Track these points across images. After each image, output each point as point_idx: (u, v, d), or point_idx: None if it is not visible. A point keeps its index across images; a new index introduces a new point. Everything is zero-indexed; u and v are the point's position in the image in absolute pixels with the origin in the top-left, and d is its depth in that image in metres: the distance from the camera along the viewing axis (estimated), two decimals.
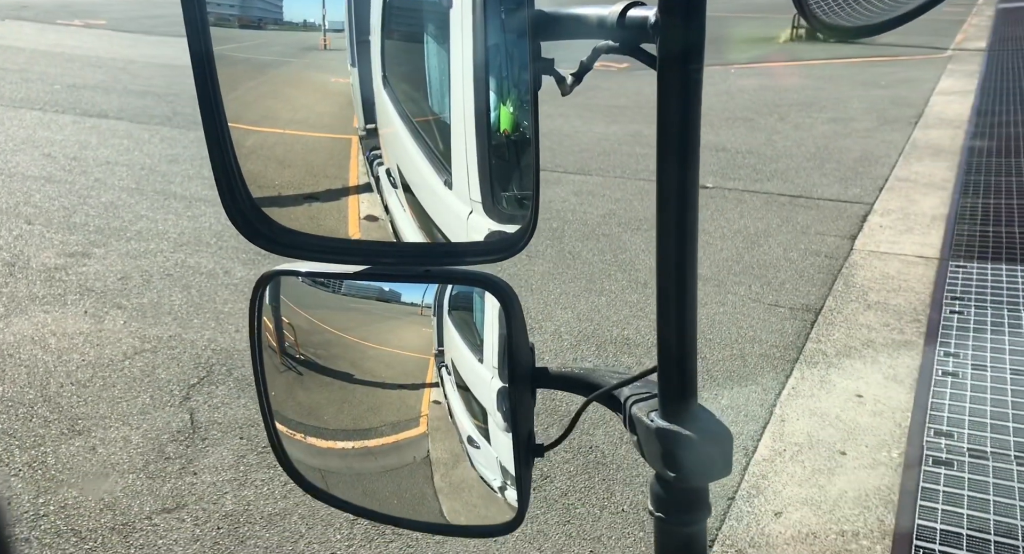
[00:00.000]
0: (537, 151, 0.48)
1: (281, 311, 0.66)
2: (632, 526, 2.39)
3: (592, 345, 3.48)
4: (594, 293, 4.00)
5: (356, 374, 0.68)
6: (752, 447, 2.73)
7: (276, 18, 0.54)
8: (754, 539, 2.30)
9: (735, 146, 6.86)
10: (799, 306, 3.83)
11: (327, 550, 2.23)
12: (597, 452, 2.73)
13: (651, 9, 0.47)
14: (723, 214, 5.16)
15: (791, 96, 9.11)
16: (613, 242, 4.68)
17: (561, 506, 2.47)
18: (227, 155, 0.53)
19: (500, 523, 0.61)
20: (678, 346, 0.51)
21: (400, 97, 0.55)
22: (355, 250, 0.57)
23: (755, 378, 3.19)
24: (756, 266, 4.32)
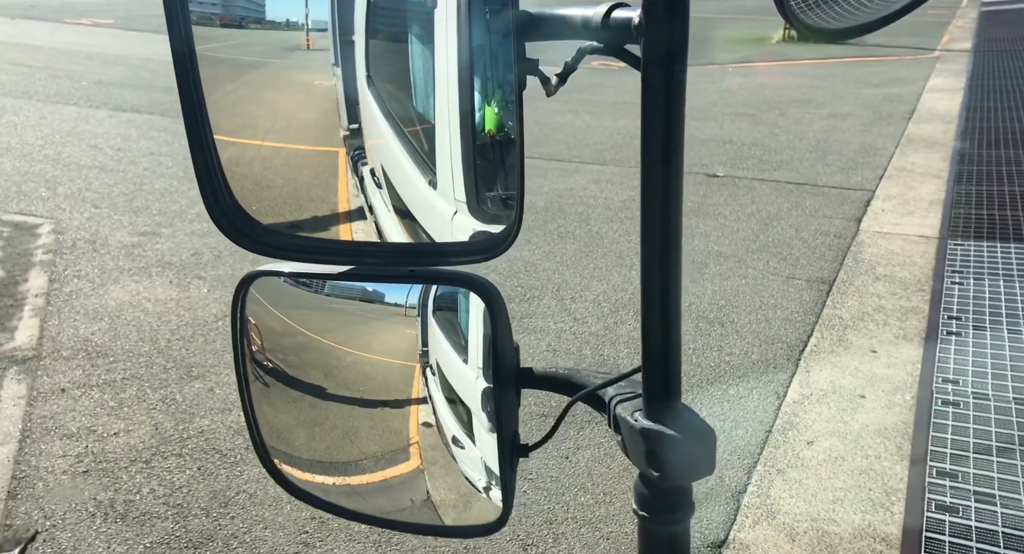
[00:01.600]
0: (522, 151, 0.47)
1: (264, 312, 0.64)
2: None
3: (630, 312, 3.84)
4: (625, 268, 4.36)
5: (342, 381, 0.66)
6: (783, 392, 3.10)
7: (258, 17, 0.52)
8: (791, 462, 2.66)
9: (740, 139, 7.26)
10: (814, 278, 4.22)
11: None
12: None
13: (635, 10, 0.46)
14: (736, 199, 5.55)
15: (788, 93, 9.53)
16: (637, 223, 5.03)
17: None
18: (209, 155, 0.52)
19: (485, 523, 0.60)
20: (662, 346, 0.51)
21: (384, 97, 0.54)
22: (339, 250, 0.56)
23: (780, 337, 3.57)
24: (771, 244, 4.70)
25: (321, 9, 0.52)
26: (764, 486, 2.55)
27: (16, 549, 2.11)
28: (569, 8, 0.50)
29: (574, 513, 2.46)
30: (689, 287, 4.12)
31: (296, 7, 0.52)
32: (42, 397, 2.89)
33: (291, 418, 0.69)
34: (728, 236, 4.84)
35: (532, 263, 4.44)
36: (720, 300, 3.97)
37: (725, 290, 4.09)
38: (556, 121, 7.91)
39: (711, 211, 5.32)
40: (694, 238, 4.82)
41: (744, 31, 15.46)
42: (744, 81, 10.38)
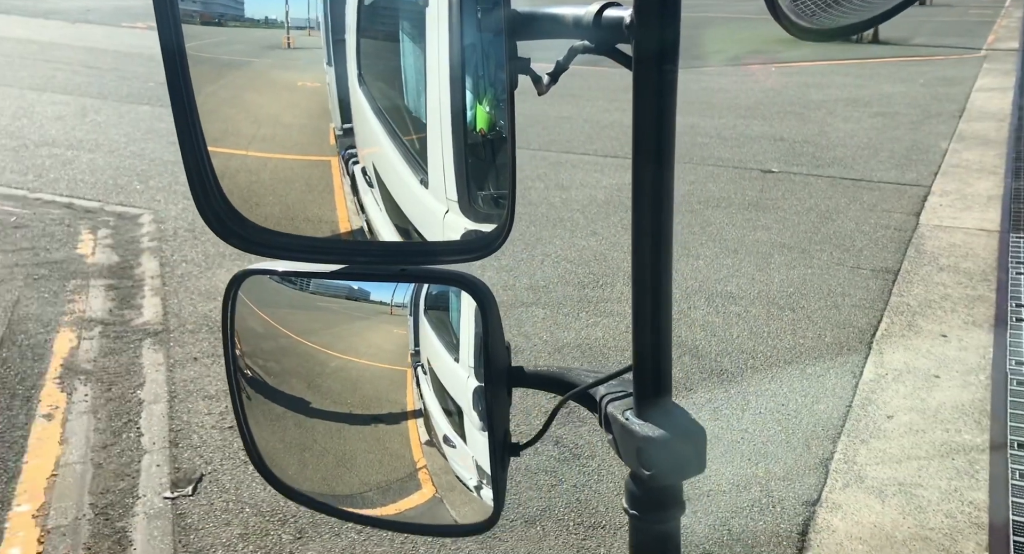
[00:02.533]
0: (514, 150, 0.47)
1: (255, 312, 0.63)
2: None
3: (701, 297, 4.02)
4: (691, 257, 4.54)
5: (337, 384, 0.65)
6: (858, 372, 3.26)
7: (237, 14, 0.52)
8: (873, 433, 2.83)
9: (791, 137, 7.37)
10: (879, 268, 4.35)
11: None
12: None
13: (627, 10, 0.46)
14: (794, 194, 5.68)
15: (834, 93, 9.59)
16: (697, 217, 5.22)
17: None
18: (199, 153, 0.51)
19: (476, 522, 0.60)
20: (653, 345, 0.50)
21: (376, 96, 0.53)
22: (331, 249, 0.56)
23: (851, 322, 3.72)
24: (833, 236, 4.84)
25: (304, 7, 0.50)
26: (850, 454, 2.72)
27: (189, 487, 2.39)
28: (561, 7, 0.49)
29: None
30: (756, 276, 4.29)
31: (276, 4, 0.50)
32: (179, 364, 3.18)
33: (286, 419, 0.68)
34: (789, 229, 4.99)
35: (600, 253, 4.64)
36: (788, 288, 4.13)
37: (792, 279, 4.24)
38: (605, 119, 8.10)
39: (770, 205, 5.46)
40: (756, 230, 4.97)
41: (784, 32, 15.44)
42: (788, 80, 10.45)
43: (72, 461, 2.61)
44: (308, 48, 0.51)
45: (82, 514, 2.37)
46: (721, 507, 2.49)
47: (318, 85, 0.54)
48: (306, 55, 0.52)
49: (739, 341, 3.57)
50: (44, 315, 3.66)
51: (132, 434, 2.76)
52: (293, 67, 0.54)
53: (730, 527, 2.40)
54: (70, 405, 2.94)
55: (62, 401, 2.97)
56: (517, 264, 4.45)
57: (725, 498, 2.53)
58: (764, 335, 3.62)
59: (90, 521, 2.34)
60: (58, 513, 2.36)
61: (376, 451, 0.68)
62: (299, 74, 0.55)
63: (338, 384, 0.66)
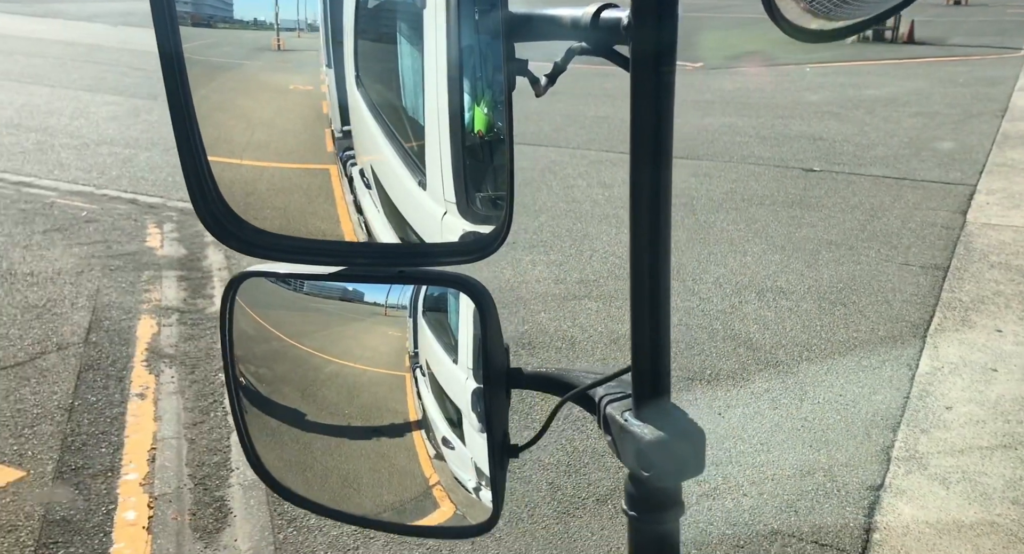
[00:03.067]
0: (511, 152, 0.47)
1: (253, 315, 0.63)
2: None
3: (752, 292, 4.09)
4: (739, 253, 4.61)
5: (336, 388, 0.66)
6: (914, 364, 3.32)
7: (226, 16, 0.51)
8: (933, 423, 2.89)
9: (830, 136, 7.38)
10: (928, 265, 4.38)
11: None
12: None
13: (624, 11, 0.46)
14: (836, 192, 5.71)
15: (871, 92, 9.55)
16: (742, 214, 5.28)
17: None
18: (197, 154, 0.52)
19: (475, 524, 0.60)
20: (652, 346, 0.50)
21: (374, 98, 0.53)
22: (329, 251, 0.56)
23: (903, 317, 3.77)
24: (880, 234, 4.87)
25: (293, 9, 0.50)
26: (911, 442, 2.78)
27: None
28: (558, 8, 0.49)
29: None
30: (805, 272, 4.34)
31: (265, 6, 0.50)
32: None
33: (287, 418, 0.68)
34: (835, 226, 5.03)
35: None
36: (838, 284, 4.18)
37: (841, 275, 4.29)
38: None
39: (814, 203, 5.50)
40: (801, 228, 5.02)
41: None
42: (824, 80, 10.42)
43: (167, 436, 2.78)
44: (298, 50, 0.51)
45: (183, 484, 2.53)
46: (786, 490, 2.57)
47: (310, 88, 0.54)
48: (297, 57, 0.52)
49: (792, 334, 3.64)
50: (124, 303, 3.86)
51: (219, 413, 2.93)
52: (284, 69, 0.54)
53: (796, 509, 2.48)
54: (159, 386, 3.12)
55: (151, 382, 3.14)
56: (566, 259, 4.56)
57: (790, 482, 2.61)
58: (817, 328, 3.69)
59: (191, 490, 2.51)
60: (162, 482, 2.52)
61: (383, 469, 0.67)
62: (291, 77, 0.55)
63: (337, 390, 0.65)
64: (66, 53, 12.11)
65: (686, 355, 3.44)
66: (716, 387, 3.20)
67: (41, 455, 2.64)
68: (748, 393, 3.14)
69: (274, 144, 0.56)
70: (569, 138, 7.33)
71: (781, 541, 2.35)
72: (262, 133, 0.55)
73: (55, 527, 2.32)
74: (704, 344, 3.54)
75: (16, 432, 2.76)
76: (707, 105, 8.91)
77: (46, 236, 4.72)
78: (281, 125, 0.55)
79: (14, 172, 6.02)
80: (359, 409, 0.66)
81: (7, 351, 3.34)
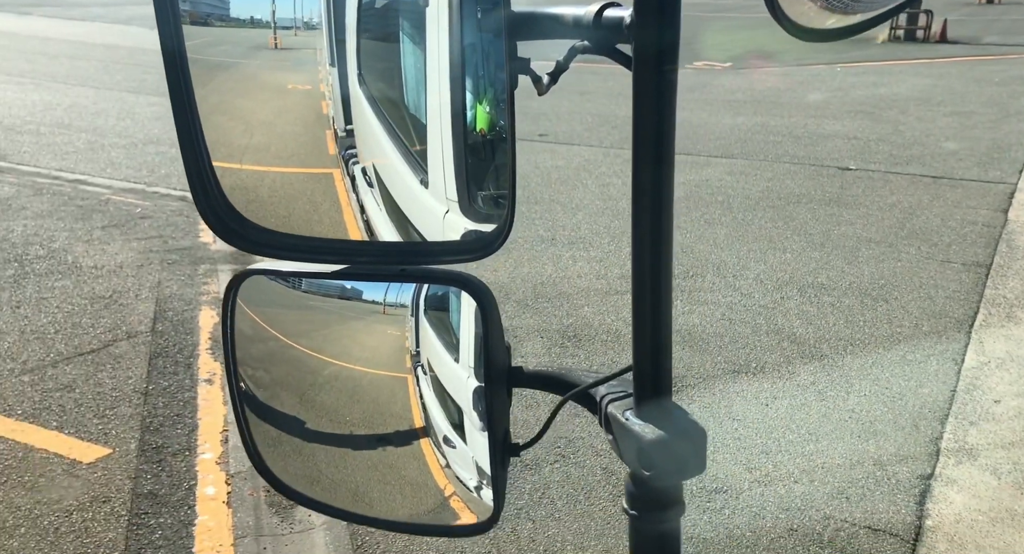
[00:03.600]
0: (514, 150, 0.47)
1: (254, 313, 0.63)
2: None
3: (794, 288, 4.14)
4: (778, 250, 4.66)
5: (338, 391, 0.65)
6: (960, 359, 3.35)
7: (223, 14, 0.51)
8: (982, 415, 2.93)
9: (864, 135, 7.37)
10: (970, 262, 4.39)
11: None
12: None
13: (627, 10, 0.46)
14: (874, 191, 5.72)
15: (904, 92, 9.49)
16: (780, 212, 5.32)
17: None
18: (200, 152, 0.52)
19: (476, 522, 0.60)
20: (653, 346, 0.51)
21: (376, 96, 0.53)
22: (331, 249, 0.56)
23: (946, 313, 3.79)
24: (919, 232, 4.88)
25: (290, 7, 0.50)
26: (959, 434, 2.83)
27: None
28: (561, 7, 0.49)
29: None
30: (845, 268, 4.38)
31: (262, 4, 0.50)
32: None
33: (289, 415, 0.68)
34: (873, 224, 5.05)
35: (686, 245, 4.79)
36: (879, 280, 4.21)
37: (882, 272, 4.32)
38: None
39: (851, 201, 5.52)
40: (840, 225, 5.05)
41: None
42: (856, 80, 10.37)
43: None
44: (296, 48, 0.51)
45: None
46: (837, 478, 2.63)
47: (309, 88, 0.53)
48: (294, 55, 0.52)
49: (836, 329, 3.69)
50: (185, 295, 4.03)
51: None
52: (282, 68, 0.54)
53: (847, 496, 2.55)
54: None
55: (217, 369, 3.29)
56: (606, 255, 4.64)
57: (840, 471, 2.67)
58: (860, 324, 3.73)
59: None
60: (236, 461, 2.66)
61: (392, 477, 0.67)
62: (289, 76, 0.54)
63: (338, 392, 0.65)
64: (108, 56, 12.45)
65: (730, 349, 3.51)
66: (762, 379, 3.26)
67: (124, 434, 2.80)
68: (794, 385, 3.20)
69: (274, 147, 0.55)
70: (602, 138, 7.41)
71: (834, 525, 2.41)
72: (262, 135, 0.54)
73: (144, 500, 2.46)
74: (748, 338, 3.61)
75: (99, 413, 2.93)
76: (738, 105, 8.92)
77: (105, 231, 4.92)
78: (281, 127, 0.55)
79: (69, 170, 6.26)
80: (361, 411, 0.65)
81: (82, 339, 3.52)
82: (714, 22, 16.06)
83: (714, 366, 3.36)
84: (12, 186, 5.78)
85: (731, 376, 3.30)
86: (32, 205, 5.39)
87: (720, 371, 3.33)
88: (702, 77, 11.13)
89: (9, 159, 6.49)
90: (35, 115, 8.12)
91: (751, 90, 9.83)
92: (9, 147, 6.83)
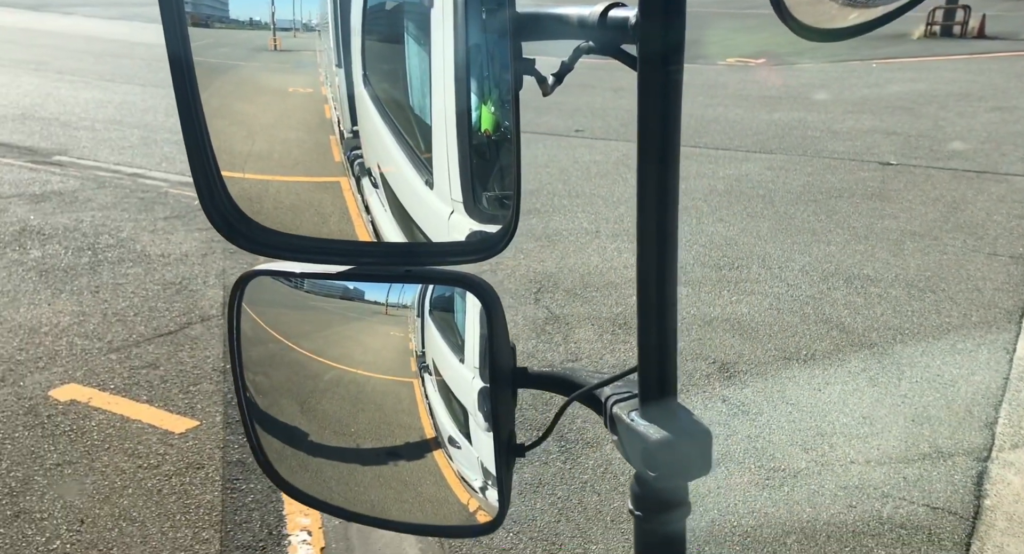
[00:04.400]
0: (518, 151, 0.47)
1: (259, 313, 0.63)
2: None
3: (840, 280, 4.20)
4: (822, 243, 4.71)
5: (345, 396, 0.66)
6: (1011, 348, 3.39)
7: (223, 15, 0.51)
8: None
9: (904, 130, 7.35)
10: (1018, 255, 4.41)
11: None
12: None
13: (631, 10, 0.46)
14: (916, 186, 5.73)
15: (943, 88, 9.40)
16: (822, 206, 5.36)
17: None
18: (206, 153, 0.52)
19: (481, 523, 0.61)
20: (658, 346, 0.51)
21: (381, 97, 0.53)
22: (336, 250, 0.56)
23: (995, 303, 3.83)
24: (964, 226, 4.90)
25: (290, 8, 0.50)
26: (1015, 419, 2.88)
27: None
28: (565, 8, 0.50)
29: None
30: (891, 260, 4.42)
31: (262, 6, 0.50)
32: None
33: (295, 420, 0.68)
34: (917, 218, 5.07)
35: (730, 238, 4.86)
36: (925, 272, 4.25)
37: (928, 264, 4.36)
38: (708, 114, 8.26)
39: (893, 196, 5.54)
40: (883, 219, 5.08)
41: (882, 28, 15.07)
42: (892, 76, 10.29)
43: None
44: (296, 50, 0.51)
45: None
46: (893, 459, 2.71)
47: (311, 91, 0.53)
48: (295, 57, 0.52)
49: (884, 318, 3.74)
50: None
51: None
52: (283, 70, 0.54)
53: (905, 476, 2.62)
54: None
55: None
56: None
57: (895, 453, 2.75)
58: (908, 314, 3.78)
59: None
60: None
61: (397, 480, 0.67)
62: (289, 78, 0.54)
63: (343, 395, 0.65)
64: (149, 54, 12.80)
65: (780, 337, 3.59)
66: (813, 366, 3.34)
67: (208, 408, 2.98)
68: (845, 372, 3.27)
69: (277, 153, 0.56)
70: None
71: (892, 503, 2.49)
72: (263, 141, 0.54)
73: (234, 467, 2.63)
74: (796, 327, 3.68)
75: (183, 389, 3.11)
76: (774, 101, 8.93)
77: (167, 222, 5.14)
78: (283, 134, 0.55)
79: (127, 165, 6.52)
80: (366, 412, 0.66)
81: (159, 321, 3.72)
82: (745, 19, 15.98)
83: (765, 353, 3.45)
84: (76, 179, 6.04)
85: (782, 362, 3.38)
86: (97, 197, 5.64)
87: (771, 358, 3.41)
88: (735, 73, 11.13)
89: (71, 154, 6.77)
90: (88, 112, 8.43)
91: (786, 86, 9.81)
92: (69, 142, 7.12)
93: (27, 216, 5.01)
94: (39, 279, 4.14)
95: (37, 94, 8.90)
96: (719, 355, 3.43)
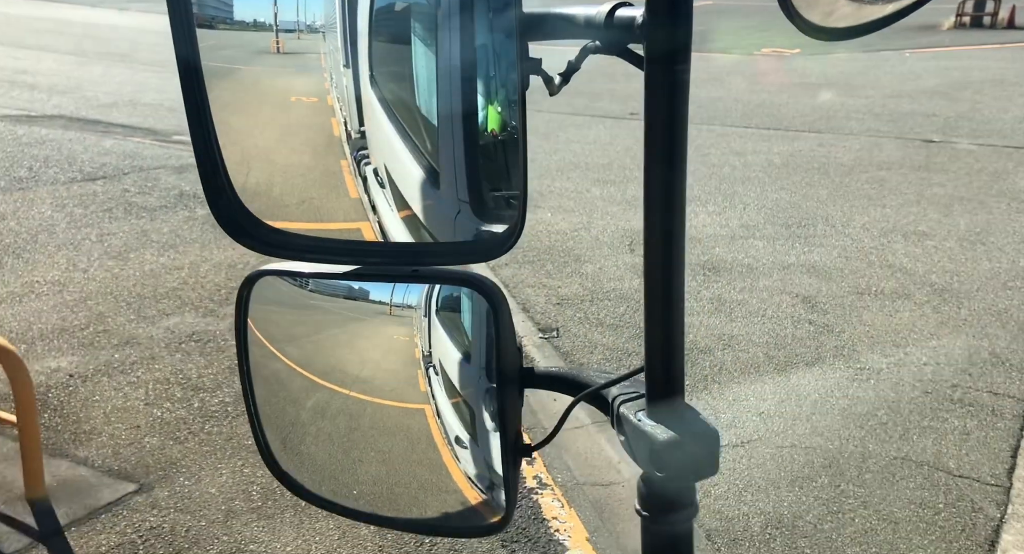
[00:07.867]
0: (525, 151, 0.47)
1: (266, 314, 0.64)
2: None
3: (898, 235, 4.76)
4: (878, 206, 5.27)
5: (343, 386, 0.66)
6: None
7: (226, 17, 0.52)
8: None
9: (942, 113, 7.86)
10: None
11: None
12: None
13: (638, 9, 0.47)
14: (959, 159, 6.27)
15: (977, 75, 9.87)
16: (873, 176, 5.92)
17: None
18: (213, 153, 0.52)
19: (488, 523, 0.61)
20: (665, 346, 0.51)
21: (388, 97, 0.54)
22: (343, 250, 0.57)
23: None
24: (1007, 192, 5.44)
25: (293, 9, 0.50)
26: None
27: (554, 331, 3.45)
28: (572, 7, 0.50)
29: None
30: (942, 219, 4.98)
31: (264, 7, 0.50)
32: (495, 269, 4.28)
33: (309, 408, 0.69)
34: (963, 186, 5.62)
35: (792, 203, 5.44)
36: (975, 229, 4.81)
37: (976, 222, 4.91)
38: (754, 99, 8.80)
39: (939, 168, 6.08)
40: (931, 187, 5.63)
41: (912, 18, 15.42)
42: (926, 65, 10.76)
43: None
44: (299, 53, 0.51)
45: None
46: (959, 361, 3.28)
47: (315, 100, 0.54)
48: (298, 61, 0.52)
49: (941, 264, 4.31)
50: None
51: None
52: (285, 75, 0.54)
53: (969, 373, 3.20)
54: None
55: None
56: (722, 210, 5.31)
57: (960, 358, 3.32)
58: (963, 260, 4.35)
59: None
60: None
61: (404, 481, 0.69)
62: (293, 81, 0.55)
63: (350, 395, 0.67)
64: None
65: (851, 278, 4.16)
66: (883, 299, 3.92)
67: None
68: (912, 303, 3.85)
69: (279, 172, 0.58)
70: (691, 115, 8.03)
71: (961, 391, 3.07)
72: (261, 161, 0.56)
73: None
74: (864, 270, 4.26)
75: None
76: (814, 87, 9.45)
77: None
78: (286, 158, 0.57)
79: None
80: (374, 413, 0.67)
81: None
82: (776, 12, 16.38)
83: (840, 289, 4.03)
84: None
85: (856, 296, 3.96)
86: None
87: (846, 292, 4.00)
88: (772, 62, 11.64)
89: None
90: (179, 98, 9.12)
91: (823, 74, 10.32)
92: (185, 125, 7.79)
93: (178, 183, 5.69)
94: (214, 230, 4.81)
95: (133, 83, 9.60)
96: (800, 291, 4.02)
